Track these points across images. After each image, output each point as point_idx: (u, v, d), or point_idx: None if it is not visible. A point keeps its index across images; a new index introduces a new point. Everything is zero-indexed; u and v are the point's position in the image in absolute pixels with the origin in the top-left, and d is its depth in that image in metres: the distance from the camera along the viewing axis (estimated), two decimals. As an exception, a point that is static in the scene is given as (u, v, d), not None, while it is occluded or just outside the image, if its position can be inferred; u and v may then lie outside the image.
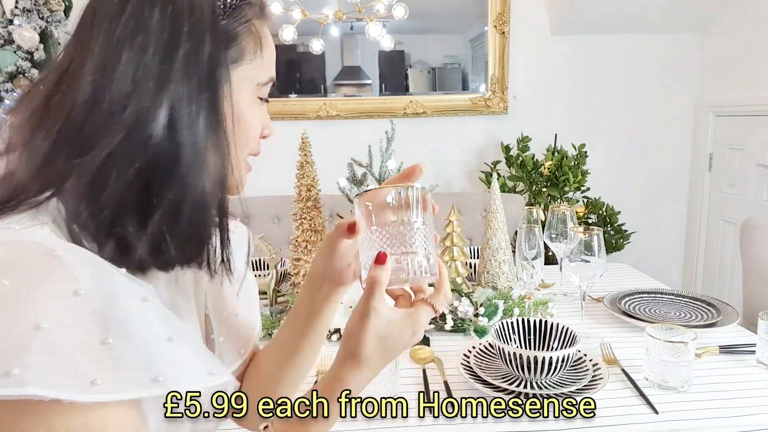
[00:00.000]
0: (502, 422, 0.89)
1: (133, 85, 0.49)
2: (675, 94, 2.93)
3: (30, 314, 0.42)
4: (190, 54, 0.52)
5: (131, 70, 0.49)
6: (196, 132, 0.52)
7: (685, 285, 3.04)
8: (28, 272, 0.43)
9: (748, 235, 1.65)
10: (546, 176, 2.59)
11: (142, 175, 0.50)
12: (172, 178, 0.51)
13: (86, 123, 0.49)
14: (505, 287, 1.46)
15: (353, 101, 2.81)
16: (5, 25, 2.19)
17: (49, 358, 0.42)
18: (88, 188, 0.49)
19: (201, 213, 0.53)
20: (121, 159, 0.49)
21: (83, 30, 0.52)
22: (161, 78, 0.50)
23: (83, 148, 0.48)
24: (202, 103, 0.53)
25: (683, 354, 0.95)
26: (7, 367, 0.40)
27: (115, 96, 0.49)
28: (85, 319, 0.44)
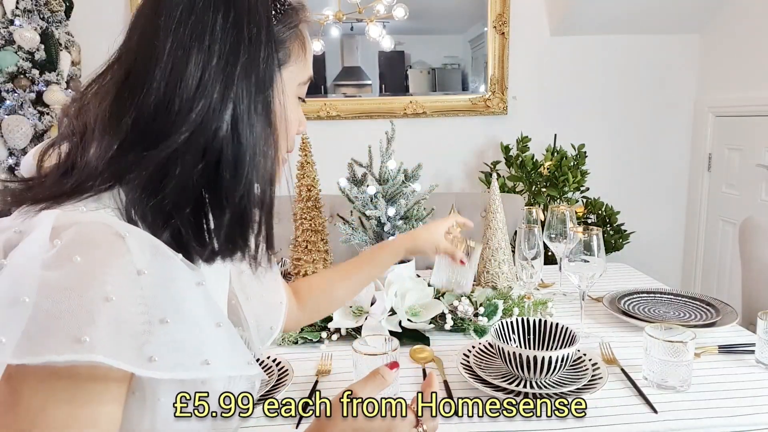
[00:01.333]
0: (500, 422, 0.90)
1: (200, 86, 0.53)
2: (674, 94, 2.93)
3: (100, 287, 0.45)
4: (250, 58, 0.55)
5: (198, 73, 0.53)
6: (255, 132, 0.56)
7: (684, 285, 3.04)
8: (97, 251, 0.46)
9: (747, 235, 1.66)
10: (545, 176, 2.60)
11: (203, 172, 0.53)
12: (234, 175, 0.54)
13: (156, 121, 0.52)
14: (505, 287, 1.47)
15: (353, 102, 2.81)
16: (6, 25, 2.19)
17: (116, 329, 0.45)
18: (151, 180, 0.52)
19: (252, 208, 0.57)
20: (185, 155, 0.52)
21: (147, 29, 0.55)
22: (226, 81, 0.54)
23: (152, 144, 0.52)
24: (259, 105, 0.56)
25: (682, 354, 0.96)
26: (79, 334, 0.43)
27: (184, 97, 0.52)
28: (147, 297, 0.47)
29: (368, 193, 1.48)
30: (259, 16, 0.56)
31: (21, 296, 0.44)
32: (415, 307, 1.27)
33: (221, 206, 0.55)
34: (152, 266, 0.48)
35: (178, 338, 0.49)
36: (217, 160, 0.54)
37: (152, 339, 0.47)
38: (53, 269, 0.45)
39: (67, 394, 0.46)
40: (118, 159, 0.52)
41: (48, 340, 0.43)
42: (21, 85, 2.20)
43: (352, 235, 1.52)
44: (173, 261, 0.51)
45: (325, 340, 1.20)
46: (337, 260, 1.67)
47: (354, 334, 1.21)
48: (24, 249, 0.47)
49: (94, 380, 0.47)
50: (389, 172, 1.49)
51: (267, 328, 0.79)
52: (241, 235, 0.57)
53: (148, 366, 0.47)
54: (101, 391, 0.48)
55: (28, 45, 2.19)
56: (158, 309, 0.48)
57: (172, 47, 0.53)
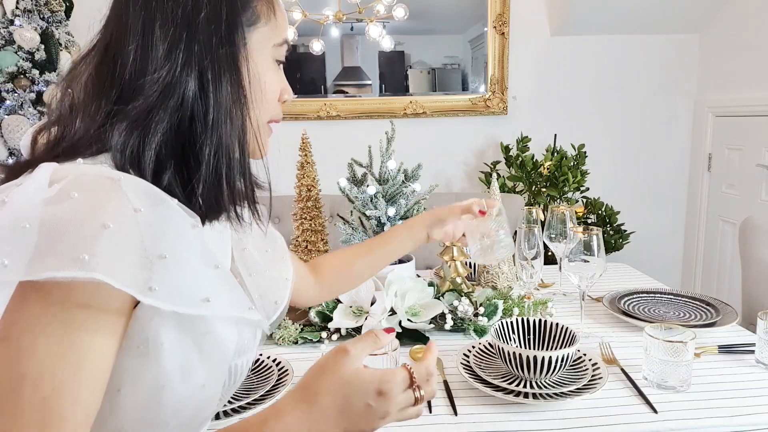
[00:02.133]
0: (500, 422, 0.90)
1: (167, 49, 0.56)
2: (674, 94, 2.94)
3: (98, 216, 0.47)
4: (209, 18, 0.58)
5: (164, 36, 0.56)
6: (223, 90, 0.58)
7: (684, 285, 3.04)
8: (95, 191, 0.49)
9: (747, 235, 1.66)
10: (545, 176, 2.60)
11: (179, 128, 0.57)
12: (203, 131, 0.57)
13: (133, 86, 0.56)
14: (505, 287, 1.47)
15: (353, 101, 2.81)
16: (6, 25, 2.19)
17: (115, 254, 0.47)
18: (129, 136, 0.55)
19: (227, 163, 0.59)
20: (159, 112, 0.56)
21: (120, 7, 0.59)
22: (188, 42, 0.57)
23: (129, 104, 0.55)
24: (223, 63, 0.58)
25: (682, 353, 0.96)
26: (78, 253, 0.46)
27: (156, 61, 0.56)
28: (144, 232, 0.49)
29: (368, 193, 1.48)
30: None
31: (22, 223, 0.47)
32: (415, 307, 1.27)
33: (197, 163, 0.57)
34: (148, 206, 0.50)
35: (177, 274, 0.51)
36: (191, 118, 0.57)
37: (152, 271, 0.49)
38: (53, 205, 0.47)
39: (60, 325, 0.48)
40: (103, 123, 0.55)
41: (48, 259, 0.45)
42: (21, 85, 2.20)
43: (352, 235, 1.52)
44: (168, 203, 0.53)
45: (325, 340, 1.20)
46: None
47: (354, 334, 1.21)
48: (24, 189, 0.49)
49: (87, 309, 0.48)
50: (389, 172, 1.49)
51: (272, 303, 0.78)
52: (217, 194, 0.59)
53: (148, 294, 0.48)
54: (94, 321, 0.49)
55: (28, 45, 2.19)
56: (156, 244, 0.50)
57: (139, 17, 0.57)
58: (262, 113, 0.65)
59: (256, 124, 0.63)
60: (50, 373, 0.47)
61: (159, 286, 0.49)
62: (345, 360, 0.57)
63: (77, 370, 0.48)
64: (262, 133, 0.66)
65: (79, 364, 0.48)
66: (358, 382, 0.56)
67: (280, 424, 0.55)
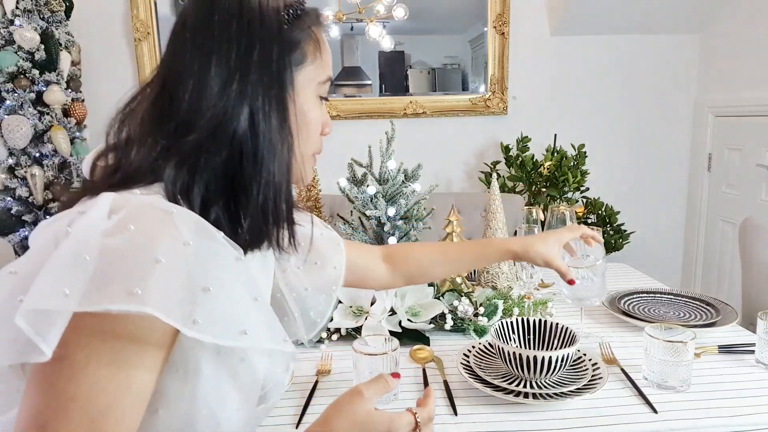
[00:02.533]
0: (500, 422, 0.90)
1: (221, 88, 0.60)
2: (674, 94, 2.94)
3: (151, 250, 0.51)
4: (262, 59, 0.61)
5: (219, 76, 0.60)
6: (271, 127, 0.62)
7: (684, 285, 3.04)
8: (149, 223, 0.52)
9: (747, 235, 1.66)
10: (545, 176, 2.60)
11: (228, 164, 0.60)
12: (252, 167, 0.61)
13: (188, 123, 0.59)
14: (505, 287, 1.47)
15: (353, 101, 2.81)
16: (6, 25, 2.19)
17: (164, 289, 0.50)
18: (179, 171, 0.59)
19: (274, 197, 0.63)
20: (210, 149, 0.59)
21: (176, 41, 0.63)
22: (241, 82, 0.60)
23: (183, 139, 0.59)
24: (273, 102, 0.62)
25: (682, 354, 0.96)
26: (132, 287, 0.49)
27: (210, 99, 0.59)
28: (192, 265, 0.53)
29: (368, 193, 1.48)
30: (270, 21, 0.62)
31: (83, 254, 0.50)
32: (415, 307, 1.27)
33: (245, 197, 0.61)
34: (196, 239, 0.54)
35: (219, 307, 0.54)
36: (240, 154, 0.60)
37: (196, 304, 0.52)
38: (111, 237, 0.51)
39: (109, 355, 0.51)
40: (157, 157, 0.59)
41: (105, 291, 0.48)
42: (21, 85, 2.20)
43: (352, 235, 1.52)
44: (215, 236, 0.57)
45: (325, 340, 1.20)
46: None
47: (354, 334, 1.21)
48: (85, 220, 0.53)
49: (134, 342, 0.51)
50: (389, 172, 1.49)
51: (311, 319, 0.85)
52: (263, 226, 0.63)
53: (192, 327, 0.51)
54: (139, 355, 0.52)
55: (28, 45, 2.19)
56: (201, 278, 0.53)
57: (196, 56, 0.60)
58: (307, 147, 0.69)
59: (301, 157, 0.67)
60: (98, 396, 0.50)
61: (202, 319, 0.52)
62: (360, 402, 0.65)
63: (122, 396, 0.51)
64: (306, 165, 0.70)
65: (123, 391, 0.51)
66: (371, 423, 0.64)
67: None
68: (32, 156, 2.25)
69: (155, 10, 2.63)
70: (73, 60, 2.42)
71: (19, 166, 2.24)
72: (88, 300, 0.48)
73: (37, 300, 0.48)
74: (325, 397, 0.98)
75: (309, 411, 0.94)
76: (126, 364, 0.51)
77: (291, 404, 0.96)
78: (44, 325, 0.48)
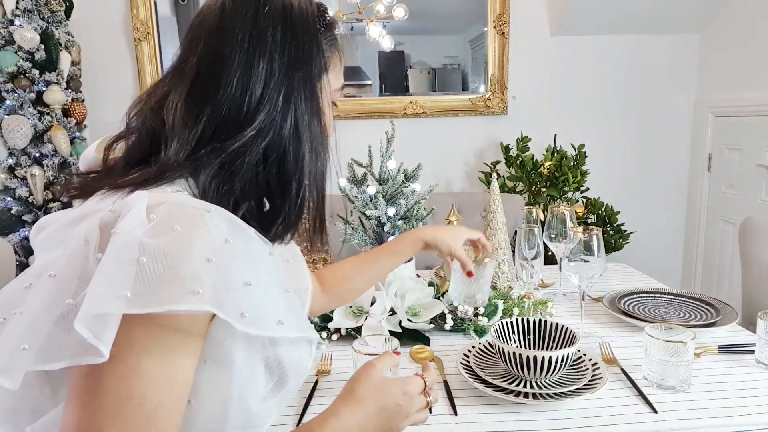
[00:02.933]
0: (500, 422, 0.90)
1: (264, 91, 0.61)
2: (674, 94, 2.94)
3: (202, 250, 0.52)
4: (306, 67, 0.64)
5: (263, 79, 0.61)
6: (312, 131, 0.65)
7: (684, 285, 3.04)
8: (191, 222, 0.53)
9: (747, 235, 1.65)
10: (545, 176, 2.60)
11: (267, 166, 0.62)
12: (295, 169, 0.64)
13: (228, 122, 0.60)
14: (505, 287, 1.47)
15: (353, 101, 2.81)
16: (6, 25, 2.19)
17: (216, 286, 0.52)
18: (221, 170, 0.60)
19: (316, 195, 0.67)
20: (251, 151, 0.61)
21: (212, 40, 0.63)
22: (287, 87, 0.63)
23: (224, 140, 0.60)
24: (313, 108, 0.65)
25: (682, 354, 0.96)
26: (194, 287, 0.50)
27: (252, 101, 0.61)
28: (234, 262, 0.54)
29: (368, 193, 1.48)
30: (311, 30, 0.65)
31: (136, 256, 0.50)
32: (415, 307, 1.27)
33: (283, 197, 0.64)
34: (233, 236, 0.55)
35: (259, 300, 0.56)
36: (281, 156, 0.63)
37: (240, 299, 0.54)
38: (157, 237, 0.51)
39: (160, 348, 0.52)
40: (195, 152, 0.60)
41: (165, 292, 0.49)
42: (21, 85, 2.20)
43: (352, 235, 1.52)
44: (249, 232, 0.59)
45: (325, 340, 1.20)
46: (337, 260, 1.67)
47: (354, 334, 1.21)
48: (128, 221, 0.53)
49: (181, 333, 0.53)
50: (389, 172, 1.49)
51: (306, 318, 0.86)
52: (296, 223, 0.66)
53: (240, 320, 0.53)
54: (185, 344, 0.54)
55: (28, 45, 2.19)
56: (243, 273, 0.55)
57: (239, 57, 0.61)
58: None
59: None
60: (152, 393, 0.51)
61: (248, 312, 0.54)
62: (374, 371, 0.70)
63: (172, 389, 0.53)
64: None
65: (173, 383, 0.53)
66: (389, 386, 0.70)
67: (339, 422, 0.66)
68: (32, 156, 2.25)
69: (155, 10, 2.63)
70: (73, 60, 2.41)
71: (19, 166, 2.24)
72: (149, 301, 0.49)
73: (98, 304, 0.48)
74: (325, 397, 0.98)
75: (309, 411, 0.94)
76: (174, 353, 0.53)
77: (291, 404, 0.96)
78: (100, 328, 0.48)
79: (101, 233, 0.53)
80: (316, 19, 0.67)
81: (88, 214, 0.56)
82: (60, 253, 0.55)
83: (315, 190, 0.67)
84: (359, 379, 0.70)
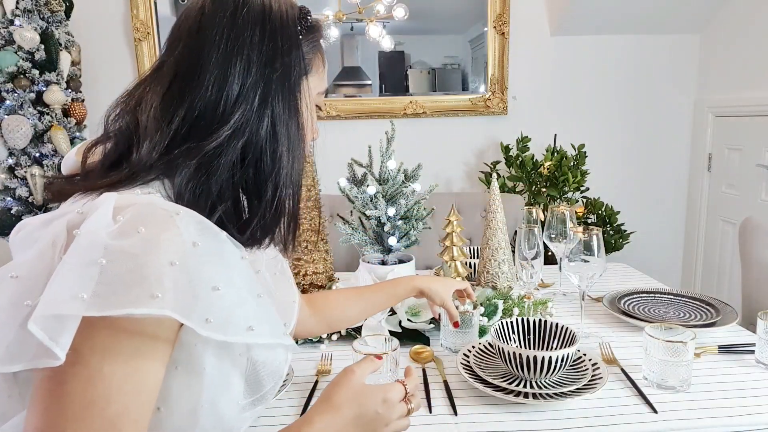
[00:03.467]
0: (500, 422, 0.90)
1: (241, 91, 0.60)
2: (674, 94, 2.93)
3: (166, 253, 0.51)
4: (284, 68, 0.63)
5: (240, 80, 0.61)
6: (290, 132, 0.64)
7: (684, 285, 3.04)
8: (157, 224, 0.52)
9: (747, 235, 1.65)
10: (545, 176, 2.60)
11: (243, 166, 0.61)
12: (272, 170, 0.63)
13: (204, 121, 0.60)
14: (505, 287, 1.47)
15: (353, 101, 2.81)
16: (6, 25, 2.19)
17: (179, 289, 0.50)
18: (197, 172, 0.59)
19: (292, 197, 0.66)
20: (228, 151, 0.60)
21: (191, 42, 0.62)
22: (265, 87, 0.62)
23: (198, 140, 0.59)
24: (292, 109, 0.64)
25: (682, 354, 0.96)
26: (153, 291, 0.49)
27: (228, 101, 0.60)
28: (201, 265, 0.53)
29: (368, 193, 1.48)
30: (290, 31, 0.65)
31: (96, 258, 0.49)
32: (415, 307, 1.27)
33: (259, 198, 0.63)
34: (202, 239, 0.54)
35: (228, 305, 0.55)
36: (258, 157, 0.62)
37: (207, 303, 0.53)
38: (121, 239, 0.50)
39: (125, 352, 0.51)
40: (168, 153, 0.59)
41: (125, 295, 0.48)
42: (21, 85, 2.20)
43: (352, 235, 1.52)
44: (220, 236, 0.57)
45: (325, 340, 1.20)
46: (337, 260, 1.67)
47: (354, 334, 1.21)
48: (92, 222, 0.52)
49: (147, 337, 0.52)
50: (389, 172, 1.49)
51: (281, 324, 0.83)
52: (274, 226, 0.65)
53: (205, 326, 0.52)
54: (152, 349, 0.53)
55: (28, 45, 2.19)
56: (211, 277, 0.54)
57: (216, 57, 0.60)
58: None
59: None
60: (116, 397, 0.50)
61: (214, 318, 0.53)
62: (354, 378, 0.69)
63: (138, 395, 0.52)
64: None
65: (139, 389, 0.52)
66: (369, 393, 0.68)
67: (312, 430, 0.64)
68: (32, 156, 2.25)
69: (155, 10, 2.63)
70: (73, 60, 2.41)
71: (19, 166, 2.24)
72: (107, 303, 0.48)
73: (53, 305, 0.48)
74: (325, 397, 0.98)
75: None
76: (139, 358, 0.51)
77: (291, 404, 0.96)
78: (56, 330, 0.47)
79: (68, 235, 0.53)
80: (297, 21, 0.67)
81: (58, 216, 0.56)
82: (29, 254, 0.55)
83: (291, 192, 0.66)
84: (337, 385, 0.69)
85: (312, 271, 1.44)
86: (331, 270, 1.49)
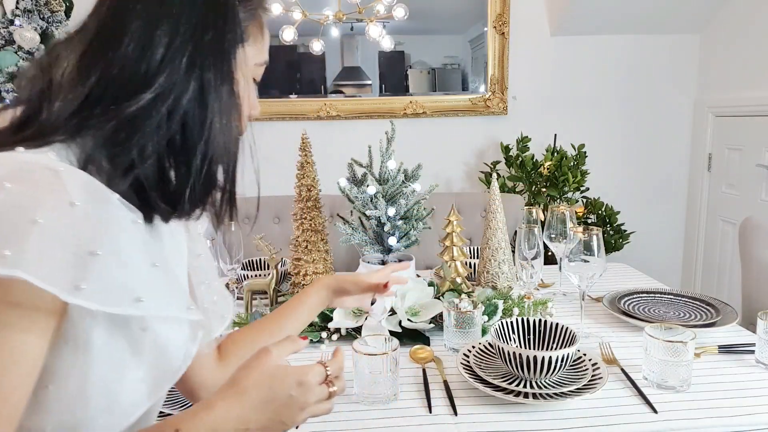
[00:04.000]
0: (500, 422, 0.90)
1: (167, 54, 0.57)
2: (674, 94, 2.93)
3: (29, 210, 0.47)
4: (216, 31, 0.60)
5: (166, 40, 0.57)
6: (221, 99, 0.60)
7: (684, 285, 3.04)
8: (30, 182, 0.48)
9: (747, 235, 1.66)
10: (545, 176, 2.60)
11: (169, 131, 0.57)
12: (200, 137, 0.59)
13: (123, 82, 0.55)
14: (505, 287, 1.47)
15: (353, 102, 2.81)
16: (6, 25, 2.19)
17: (42, 252, 0.46)
18: (115, 133, 0.55)
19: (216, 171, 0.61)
20: (151, 114, 0.56)
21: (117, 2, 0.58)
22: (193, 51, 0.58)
23: (117, 101, 0.55)
24: (224, 74, 0.61)
25: (682, 354, 0.96)
26: (1, 249, 0.45)
27: (152, 62, 0.56)
28: (77, 227, 0.49)
29: (368, 193, 1.48)
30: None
31: None
32: (415, 307, 1.27)
33: (188, 166, 0.59)
34: (85, 200, 0.50)
35: (108, 272, 0.50)
36: (184, 122, 0.58)
37: (81, 269, 0.48)
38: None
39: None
40: (80, 112, 0.55)
41: None
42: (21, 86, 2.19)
43: (352, 235, 1.52)
44: (108, 198, 0.53)
45: (325, 340, 1.20)
46: (337, 260, 1.67)
47: (354, 334, 1.21)
48: None
49: (18, 308, 0.48)
50: (389, 172, 1.49)
51: (219, 316, 0.78)
52: (203, 197, 0.61)
53: (74, 293, 0.48)
54: (26, 320, 0.49)
55: (28, 45, 2.19)
56: (88, 241, 0.49)
57: (142, 16, 0.57)
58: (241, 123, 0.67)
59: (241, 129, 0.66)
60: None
61: (87, 285, 0.48)
62: (268, 358, 0.62)
63: (7, 370, 0.48)
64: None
65: (9, 364, 0.48)
66: (281, 375, 0.62)
67: (211, 416, 0.58)
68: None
69: (155, 10, 2.63)
70: (73, 60, 2.41)
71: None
72: None
73: None
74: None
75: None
76: (11, 329, 0.48)
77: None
78: None
79: None
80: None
81: None
82: None
83: (223, 163, 0.61)
84: (247, 367, 0.62)
85: (312, 271, 1.44)
86: (331, 270, 1.49)
